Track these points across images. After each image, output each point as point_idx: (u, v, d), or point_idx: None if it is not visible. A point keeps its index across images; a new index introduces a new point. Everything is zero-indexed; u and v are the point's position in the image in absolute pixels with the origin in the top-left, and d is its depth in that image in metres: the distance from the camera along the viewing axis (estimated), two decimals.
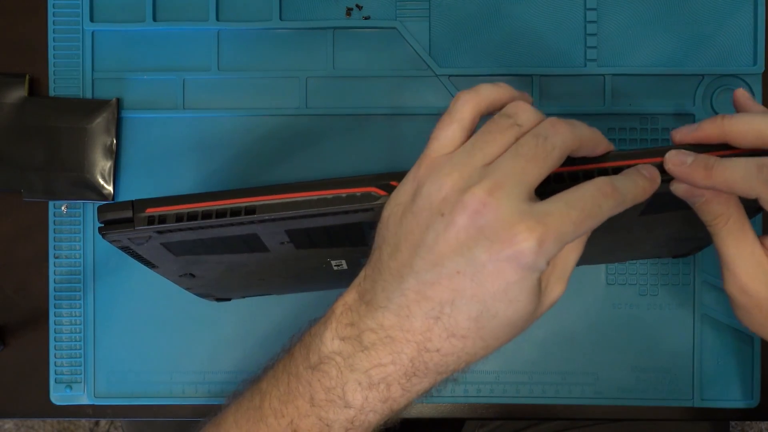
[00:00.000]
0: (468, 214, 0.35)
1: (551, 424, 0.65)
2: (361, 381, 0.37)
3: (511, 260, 0.34)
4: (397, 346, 0.37)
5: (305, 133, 0.59)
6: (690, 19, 0.59)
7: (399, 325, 0.37)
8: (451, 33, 0.59)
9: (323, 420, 0.38)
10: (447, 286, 0.35)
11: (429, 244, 0.36)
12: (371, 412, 0.38)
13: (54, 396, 0.60)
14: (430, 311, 0.36)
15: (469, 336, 0.36)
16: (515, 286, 0.35)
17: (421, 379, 0.37)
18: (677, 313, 0.59)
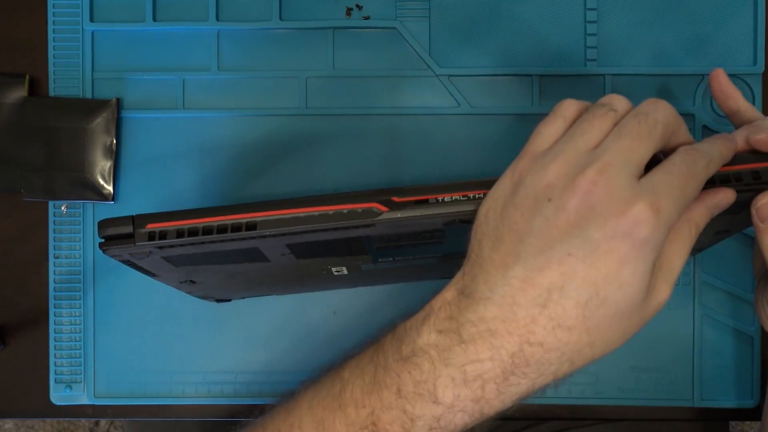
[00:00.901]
0: (579, 195, 0.34)
1: (551, 424, 0.65)
2: (455, 377, 0.35)
3: (626, 236, 0.33)
4: (497, 340, 0.35)
5: (305, 133, 0.59)
6: (690, 19, 0.59)
7: (501, 317, 0.35)
8: (451, 33, 0.59)
9: (408, 414, 0.36)
10: (557, 270, 0.34)
11: (537, 230, 0.34)
12: (460, 412, 0.36)
13: (54, 396, 0.60)
14: (536, 299, 0.34)
15: (576, 327, 0.34)
16: (629, 267, 0.34)
17: (519, 380, 0.35)
18: (677, 313, 0.59)
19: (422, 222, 0.39)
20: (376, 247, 0.43)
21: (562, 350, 0.35)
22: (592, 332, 0.35)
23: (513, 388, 0.36)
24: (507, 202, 0.36)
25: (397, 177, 0.59)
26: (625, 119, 0.36)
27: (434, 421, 0.36)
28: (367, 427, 0.37)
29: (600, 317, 0.34)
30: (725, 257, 0.58)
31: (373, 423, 0.37)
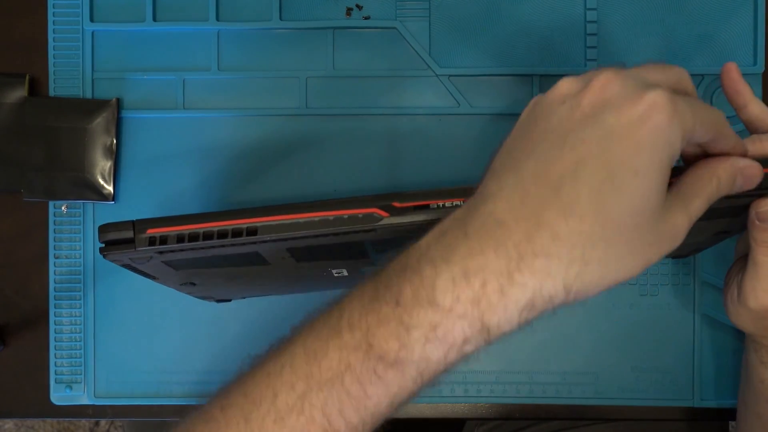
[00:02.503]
0: (593, 91, 0.34)
1: (552, 423, 0.65)
2: (456, 275, 0.33)
3: (643, 120, 0.32)
4: (503, 231, 0.32)
5: (305, 133, 0.59)
6: (690, 19, 0.59)
7: (510, 208, 0.33)
8: (451, 33, 0.59)
9: (404, 324, 0.33)
10: (569, 156, 0.33)
11: (550, 129, 0.34)
12: (459, 320, 0.33)
13: (54, 396, 0.60)
14: (547, 186, 0.32)
15: (588, 216, 0.32)
16: (645, 154, 0.32)
17: (524, 280, 0.32)
18: (677, 313, 0.59)
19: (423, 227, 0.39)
20: (376, 250, 0.43)
21: (574, 241, 0.32)
22: (606, 226, 0.32)
23: (517, 290, 0.32)
24: (522, 122, 0.36)
25: (397, 177, 0.59)
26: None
27: (431, 330, 0.33)
28: (360, 347, 0.34)
29: (614, 208, 0.32)
30: (725, 257, 0.58)
31: (368, 342, 0.34)
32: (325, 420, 0.35)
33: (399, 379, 0.34)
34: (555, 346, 0.59)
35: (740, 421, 0.54)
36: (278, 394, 0.36)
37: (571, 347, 0.59)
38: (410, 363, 0.34)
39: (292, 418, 0.36)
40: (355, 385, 0.35)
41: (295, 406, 0.36)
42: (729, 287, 0.48)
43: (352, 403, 0.35)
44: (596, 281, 0.33)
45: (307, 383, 0.35)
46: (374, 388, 0.35)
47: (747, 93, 0.44)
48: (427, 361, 0.34)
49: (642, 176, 0.32)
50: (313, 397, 0.35)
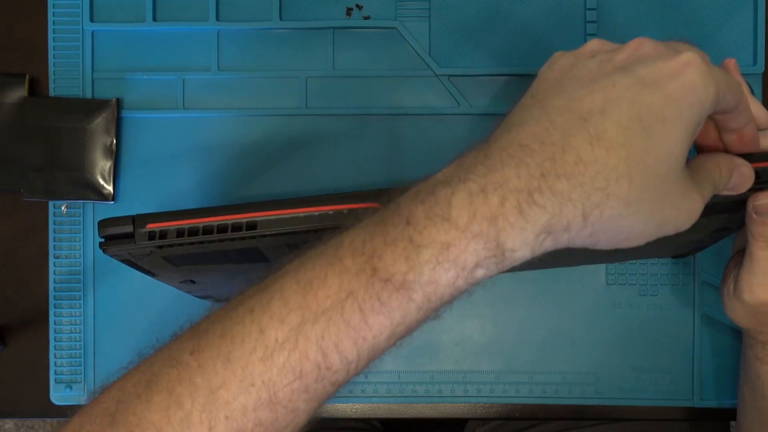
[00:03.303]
0: (627, 50, 0.34)
1: (552, 424, 0.65)
2: (473, 191, 0.31)
3: (675, 75, 0.32)
4: (526, 152, 0.31)
5: (305, 133, 0.59)
6: (690, 19, 0.59)
7: (534, 134, 0.31)
8: (451, 33, 0.59)
9: (414, 242, 0.31)
10: (599, 95, 0.32)
11: (581, 75, 0.33)
12: (474, 238, 0.31)
13: (54, 396, 0.60)
14: (574, 117, 0.32)
15: (614, 148, 0.31)
16: (674, 105, 0.32)
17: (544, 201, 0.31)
18: (677, 313, 0.59)
19: None
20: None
21: (598, 169, 0.31)
22: (631, 163, 0.31)
23: (536, 211, 0.31)
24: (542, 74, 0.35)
25: (397, 177, 0.59)
26: None
27: (443, 250, 0.31)
28: (364, 271, 0.32)
29: (640, 149, 0.31)
30: (725, 257, 0.58)
31: (372, 267, 0.31)
32: (320, 355, 0.32)
33: (404, 305, 0.32)
34: (555, 346, 0.59)
35: (740, 418, 0.54)
36: (266, 330, 0.32)
37: (571, 347, 0.59)
38: (418, 287, 0.31)
39: (283, 355, 0.32)
40: (356, 314, 0.32)
41: (287, 341, 0.32)
42: (726, 281, 0.49)
43: (350, 335, 0.32)
44: (615, 220, 0.32)
45: (301, 315, 0.32)
46: (376, 317, 0.32)
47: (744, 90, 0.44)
48: (435, 285, 0.31)
49: (670, 125, 0.32)
50: (308, 330, 0.32)
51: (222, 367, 0.33)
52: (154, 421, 0.33)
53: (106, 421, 0.34)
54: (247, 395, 0.32)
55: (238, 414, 0.32)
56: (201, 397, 0.33)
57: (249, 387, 0.32)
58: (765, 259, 0.43)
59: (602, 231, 0.32)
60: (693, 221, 0.35)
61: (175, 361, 0.34)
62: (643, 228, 0.33)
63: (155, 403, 0.33)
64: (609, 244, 0.33)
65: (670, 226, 0.34)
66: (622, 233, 0.33)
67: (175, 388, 0.33)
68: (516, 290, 0.59)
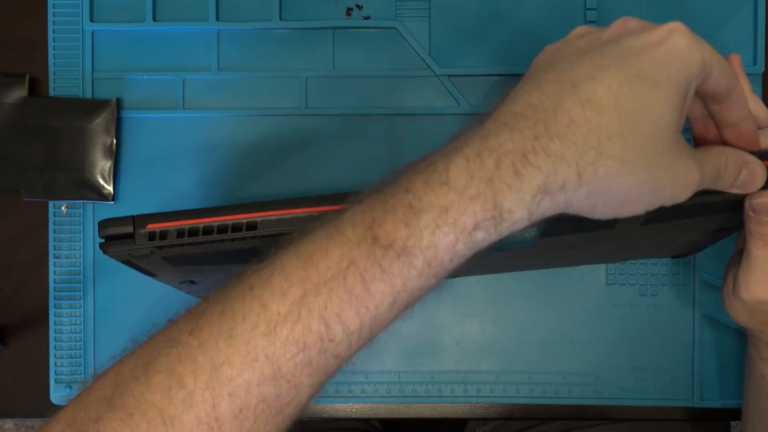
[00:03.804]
0: (614, 26, 0.36)
1: (553, 424, 0.65)
2: (469, 156, 0.32)
3: (661, 43, 0.34)
4: (519, 120, 0.32)
5: (305, 133, 0.59)
6: (690, 19, 0.59)
7: (526, 103, 0.33)
8: (451, 33, 0.59)
9: (413, 208, 0.32)
10: (588, 64, 0.33)
11: (571, 52, 0.35)
12: (471, 201, 0.31)
13: (54, 396, 0.60)
14: (565, 85, 0.33)
15: (605, 109, 0.32)
16: (662, 69, 0.33)
17: (539, 162, 0.31)
18: (677, 313, 0.59)
19: None
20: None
21: (590, 128, 0.32)
22: (623, 122, 0.32)
23: (531, 171, 0.31)
24: (534, 62, 0.37)
25: None
26: None
27: (441, 213, 0.31)
28: (365, 239, 0.32)
29: (632, 110, 0.32)
30: (725, 257, 0.58)
31: (373, 235, 0.32)
32: (323, 326, 0.32)
33: (405, 271, 0.32)
34: (555, 346, 0.59)
35: (744, 418, 0.54)
36: (268, 305, 0.33)
37: (571, 347, 0.59)
38: (418, 251, 0.32)
39: (285, 329, 0.32)
40: (359, 283, 0.32)
41: (290, 315, 0.32)
42: (726, 280, 0.49)
43: (353, 304, 0.32)
44: (610, 179, 0.32)
45: (302, 287, 0.32)
46: (378, 284, 0.32)
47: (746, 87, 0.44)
48: (435, 249, 0.32)
49: (660, 88, 0.33)
50: (310, 302, 0.32)
51: (225, 343, 0.33)
52: (155, 402, 0.33)
53: (104, 406, 0.34)
54: (251, 371, 0.32)
55: (241, 390, 0.32)
56: (203, 375, 0.32)
57: (253, 362, 0.32)
58: (762, 258, 0.43)
59: (598, 192, 0.32)
60: (690, 190, 0.35)
61: (173, 342, 0.34)
62: (640, 190, 0.33)
63: (155, 384, 0.33)
64: (606, 208, 0.33)
65: (667, 191, 0.34)
66: (619, 195, 0.33)
67: (176, 368, 0.33)
68: (516, 290, 0.59)
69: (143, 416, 0.32)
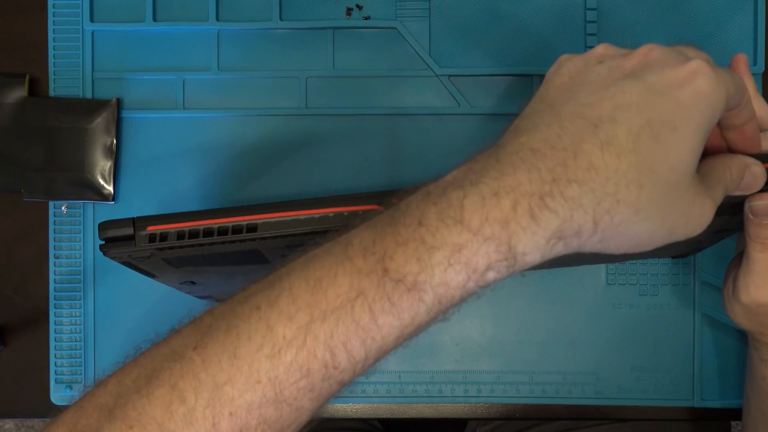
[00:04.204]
0: (636, 57, 0.34)
1: (553, 424, 0.65)
2: (485, 194, 0.31)
3: (685, 83, 0.33)
4: (538, 157, 0.31)
5: (305, 133, 0.59)
6: (690, 19, 0.59)
7: (545, 139, 0.32)
8: (451, 33, 0.59)
9: (426, 244, 0.31)
10: (609, 103, 0.32)
11: (590, 80, 0.34)
12: (486, 241, 0.31)
13: (54, 396, 0.60)
14: (585, 124, 0.32)
15: (625, 155, 0.31)
16: (685, 111, 0.32)
17: (555, 205, 0.31)
18: (677, 313, 0.59)
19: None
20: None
21: (608, 175, 0.31)
22: (641, 169, 0.31)
23: (547, 215, 0.31)
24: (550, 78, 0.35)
25: (397, 177, 0.59)
26: None
27: (455, 252, 0.31)
28: (375, 271, 0.32)
29: (650, 155, 0.32)
30: (725, 257, 0.58)
31: (383, 267, 0.31)
32: (328, 354, 0.32)
33: (414, 306, 0.32)
34: (555, 346, 0.59)
35: (745, 419, 0.54)
36: (274, 327, 0.32)
37: (571, 347, 0.59)
38: (429, 288, 0.31)
39: (290, 353, 0.32)
40: (366, 314, 0.32)
41: (295, 339, 0.32)
42: (726, 283, 0.49)
43: (359, 335, 0.32)
44: (624, 226, 0.32)
45: (310, 313, 0.32)
46: (386, 317, 0.32)
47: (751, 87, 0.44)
48: (446, 287, 0.31)
49: (680, 131, 0.32)
50: (316, 328, 0.32)
51: (228, 363, 0.32)
52: (156, 416, 0.32)
53: (104, 416, 0.34)
54: (253, 392, 0.32)
55: (242, 411, 0.32)
56: (205, 393, 0.32)
57: (255, 384, 0.32)
58: (761, 261, 0.43)
59: (612, 237, 0.32)
60: (705, 227, 0.35)
61: (177, 356, 0.34)
62: (653, 234, 0.33)
63: (156, 398, 0.33)
64: (618, 249, 0.33)
65: (681, 232, 0.34)
66: (632, 239, 0.33)
67: (178, 383, 0.33)
68: (516, 290, 0.59)
69: (143, 429, 0.32)
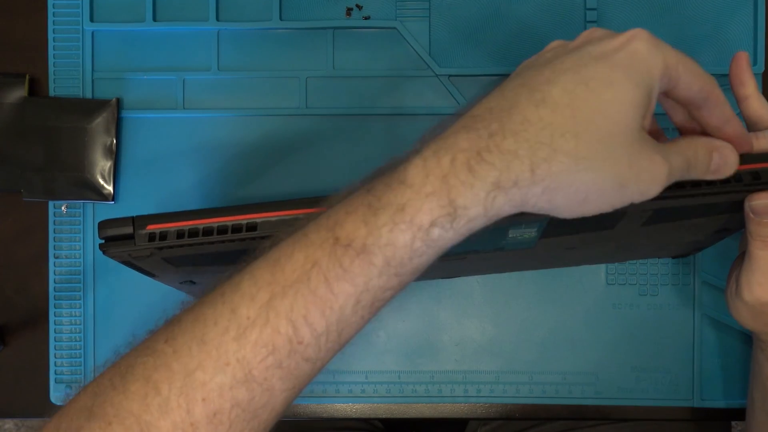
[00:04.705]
0: (580, 39, 0.36)
1: (553, 424, 0.65)
2: (427, 156, 0.33)
3: (621, 47, 0.34)
4: (476, 121, 0.33)
5: (305, 133, 0.59)
6: (690, 19, 0.59)
7: (486, 106, 0.34)
8: (451, 33, 0.59)
9: (372, 207, 0.33)
10: (548, 72, 0.34)
11: (539, 63, 0.36)
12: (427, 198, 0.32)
13: (54, 396, 0.60)
14: (523, 88, 0.34)
15: (559, 109, 0.33)
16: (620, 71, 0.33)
17: (493, 158, 0.32)
18: (677, 313, 0.59)
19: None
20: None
21: (543, 125, 0.32)
22: (578, 121, 0.33)
23: (485, 168, 0.32)
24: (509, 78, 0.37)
25: None
26: None
27: (399, 211, 0.32)
28: (327, 241, 0.33)
29: (586, 108, 0.33)
30: (725, 257, 0.58)
31: (335, 237, 0.33)
32: (290, 328, 0.33)
33: (366, 269, 0.33)
34: (555, 346, 0.59)
35: (750, 421, 0.54)
36: (238, 309, 0.34)
37: (571, 347, 0.59)
38: (377, 249, 0.32)
39: (255, 332, 0.33)
40: (322, 283, 0.33)
41: (258, 318, 0.33)
42: (729, 283, 0.49)
43: (318, 305, 0.33)
44: (566, 175, 0.32)
45: (270, 290, 0.33)
46: (341, 284, 0.33)
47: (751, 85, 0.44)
48: (393, 247, 0.33)
49: (617, 86, 0.33)
50: (277, 304, 0.33)
51: (197, 349, 0.34)
52: (132, 410, 0.34)
53: (84, 416, 0.35)
54: (223, 375, 0.33)
55: (214, 395, 0.33)
56: (178, 381, 0.33)
57: (224, 366, 0.33)
58: (763, 259, 0.43)
59: (556, 188, 0.33)
60: (658, 186, 0.35)
61: (149, 350, 0.35)
62: (601, 186, 0.33)
63: (132, 392, 0.34)
64: (568, 206, 0.33)
65: (632, 186, 0.34)
66: (579, 192, 0.33)
67: (152, 376, 0.34)
68: (516, 290, 0.59)
69: (121, 424, 0.34)
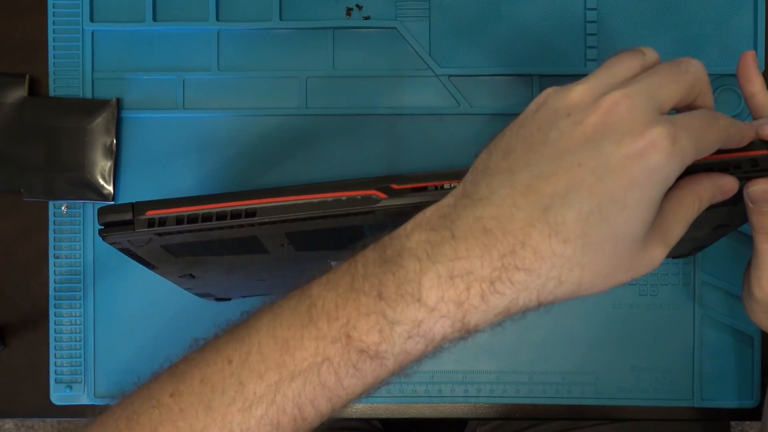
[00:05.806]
0: (599, 112, 0.34)
1: (553, 424, 0.65)
2: (441, 274, 0.34)
3: (640, 157, 0.33)
4: (490, 240, 0.33)
5: (305, 133, 0.59)
6: (690, 19, 0.59)
7: (498, 216, 0.34)
8: (451, 33, 0.59)
9: (388, 318, 0.34)
10: (563, 177, 0.33)
11: (551, 141, 0.34)
12: (441, 318, 0.34)
13: (54, 396, 0.60)
14: (537, 203, 0.33)
15: (572, 241, 0.33)
16: (636, 191, 0.33)
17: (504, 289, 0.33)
18: (677, 313, 0.59)
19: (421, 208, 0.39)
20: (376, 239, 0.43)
21: (554, 262, 0.33)
22: (587, 252, 0.33)
23: (496, 298, 0.34)
24: (526, 119, 0.36)
25: None
26: (658, 65, 0.37)
27: (414, 327, 0.34)
28: (339, 339, 0.34)
29: (598, 237, 0.33)
30: (725, 257, 0.58)
31: (347, 335, 0.34)
32: (296, 410, 0.35)
33: (377, 371, 0.35)
34: (555, 346, 0.59)
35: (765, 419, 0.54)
36: (246, 383, 0.35)
37: (571, 347, 0.59)
38: (390, 356, 0.34)
39: (261, 408, 0.35)
40: (332, 377, 0.35)
41: (265, 396, 0.35)
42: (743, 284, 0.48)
43: (326, 394, 0.35)
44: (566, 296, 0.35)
45: (278, 373, 0.35)
46: (351, 380, 0.35)
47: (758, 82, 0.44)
48: (406, 354, 0.35)
49: (630, 210, 0.33)
50: (285, 388, 0.35)
51: (203, 413, 0.35)
52: None
53: None
54: None
55: None
56: None
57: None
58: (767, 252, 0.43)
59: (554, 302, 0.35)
60: (653, 268, 0.36)
61: (155, 401, 0.36)
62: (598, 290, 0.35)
63: None
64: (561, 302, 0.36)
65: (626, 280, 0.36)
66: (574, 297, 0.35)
67: (158, 429, 0.36)
68: None
69: None
